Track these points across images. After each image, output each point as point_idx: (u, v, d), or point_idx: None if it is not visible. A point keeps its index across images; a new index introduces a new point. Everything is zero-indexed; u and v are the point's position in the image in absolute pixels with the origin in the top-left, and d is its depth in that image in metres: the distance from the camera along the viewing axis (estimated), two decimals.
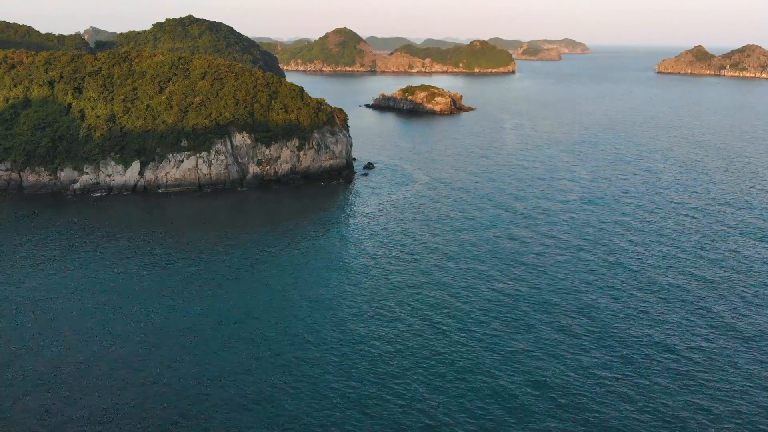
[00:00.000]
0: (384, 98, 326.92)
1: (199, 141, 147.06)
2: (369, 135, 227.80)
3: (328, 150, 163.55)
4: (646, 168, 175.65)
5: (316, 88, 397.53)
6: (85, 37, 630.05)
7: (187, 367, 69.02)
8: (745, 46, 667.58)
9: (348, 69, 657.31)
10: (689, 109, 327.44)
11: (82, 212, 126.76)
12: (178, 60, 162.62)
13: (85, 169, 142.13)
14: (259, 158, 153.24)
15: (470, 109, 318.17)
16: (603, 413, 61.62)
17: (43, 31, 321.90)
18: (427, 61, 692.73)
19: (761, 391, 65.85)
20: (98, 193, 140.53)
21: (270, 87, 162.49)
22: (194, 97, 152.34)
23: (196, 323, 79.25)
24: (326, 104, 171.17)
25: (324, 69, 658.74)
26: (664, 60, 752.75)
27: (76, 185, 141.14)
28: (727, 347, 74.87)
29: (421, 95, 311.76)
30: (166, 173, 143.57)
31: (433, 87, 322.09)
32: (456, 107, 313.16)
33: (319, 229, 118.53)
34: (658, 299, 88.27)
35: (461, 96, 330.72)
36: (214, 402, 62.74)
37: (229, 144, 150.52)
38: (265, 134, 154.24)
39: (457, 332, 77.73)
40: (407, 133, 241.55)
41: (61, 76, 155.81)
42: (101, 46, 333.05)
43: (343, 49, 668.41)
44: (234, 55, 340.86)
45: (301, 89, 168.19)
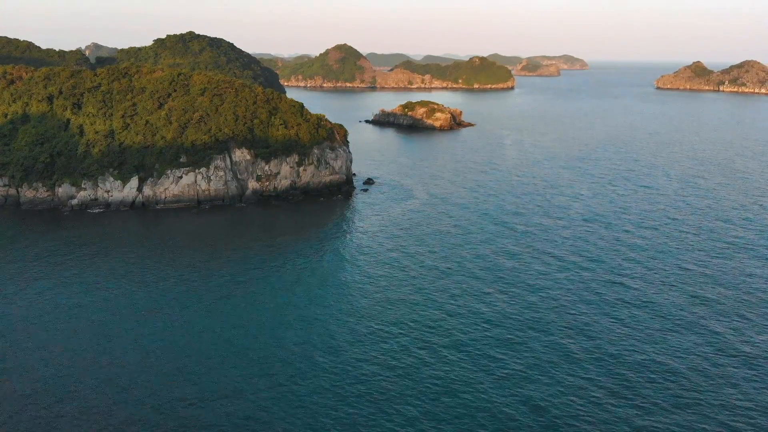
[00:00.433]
0: (384, 114, 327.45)
1: (198, 157, 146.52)
2: (369, 150, 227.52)
3: (327, 166, 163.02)
4: (647, 184, 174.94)
5: (317, 103, 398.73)
6: (87, 52, 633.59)
7: (178, 387, 67.55)
8: (744, 61, 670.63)
9: (348, 85, 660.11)
10: (689, 125, 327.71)
11: (79, 228, 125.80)
12: (178, 76, 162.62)
13: (83, 185, 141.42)
14: (259, 174, 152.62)
15: (470, 125, 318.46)
16: None
17: (45, 47, 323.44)
18: (427, 77, 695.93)
19: (763, 413, 64.45)
20: (96, 209, 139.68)
21: (270, 103, 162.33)
22: (194, 113, 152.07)
23: (186, 342, 77.72)
24: (326, 120, 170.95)
25: (324, 85, 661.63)
26: (662, 76, 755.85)
27: (74, 201, 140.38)
28: (729, 368, 73.44)
29: (420, 111, 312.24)
30: (165, 189, 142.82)
31: (433, 103, 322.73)
32: (456, 123, 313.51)
33: (317, 247, 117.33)
34: (660, 319, 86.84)
35: (461, 112, 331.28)
36: (204, 422, 61.31)
37: (228, 160, 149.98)
38: (265, 150, 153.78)
39: (453, 352, 76.07)
40: (407, 148, 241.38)
41: (61, 92, 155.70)
42: (102, 61, 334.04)
43: (344, 65, 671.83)
44: (234, 71, 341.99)
45: (301, 105, 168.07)
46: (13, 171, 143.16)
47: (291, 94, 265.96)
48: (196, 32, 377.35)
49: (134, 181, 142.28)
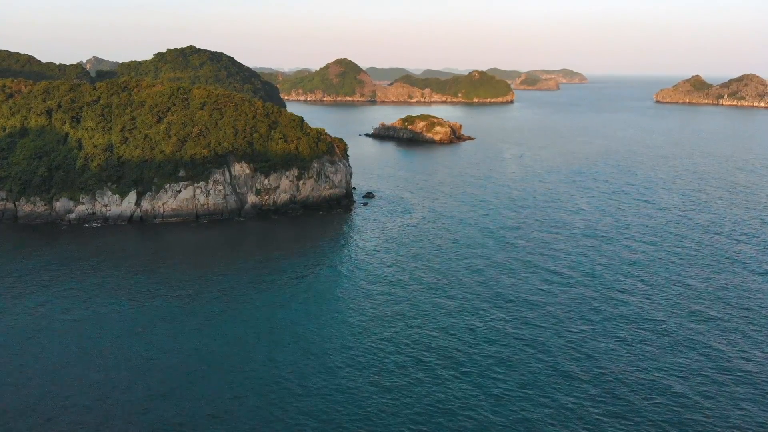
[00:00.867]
0: (384, 128, 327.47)
1: (197, 171, 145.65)
2: (369, 164, 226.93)
3: (327, 179, 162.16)
4: (647, 198, 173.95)
5: (317, 117, 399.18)
6: (87, 66, 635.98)
7: (169, 406, 66.03)
8: (743, 75, 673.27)
9: (348, 99, 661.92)
10: (689, 139, 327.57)
11: (75, 243, 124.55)
12: (177, 90, 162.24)
13: (81, 199, 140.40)
14: (258, 188, 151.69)
15: (470, 139, 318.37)
16: None
17: (47, 61, 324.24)
18: (427, 91, 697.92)
19: None
20: (94, 223, 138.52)
21: (270, 117, 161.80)
22: (193, 127, 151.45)
23: (178, 361, 76.15)
24: (326, 134, 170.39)
25: (324, 99, 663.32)
26: (661, 90, 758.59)
27: (72, 215, 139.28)
28: (731, 387, 71.96)
29: (420, 125, 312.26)
30: (163, 203, 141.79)
31: (433, 116, 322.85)
32: (455, 136, 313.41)
33: (314, 262, 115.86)
34: (661, 336, 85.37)
35: (460, 125, 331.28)
36: None
37: (227, 174, 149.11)
38: (264, 164, 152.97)
39: (450, 371, 74.30)
40: (407, 162, 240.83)
41: (60, 106, 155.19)
42: (102, 75, 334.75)
43: (344, 80, 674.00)
44: (235, 85, 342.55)
45: (301, 119, 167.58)
46: (10, 185, 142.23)
47: (291, 108, 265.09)
48: (197, 46, 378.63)
49: (132, 195, 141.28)
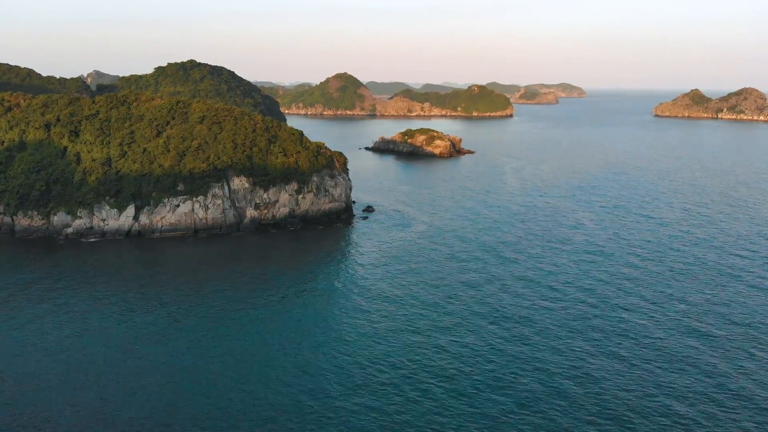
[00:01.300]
0: (384, 141, 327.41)
1: (196, 185, 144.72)
2: (369, 178, 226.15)
3: (327, 193, 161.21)
4: (649, 213, 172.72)
5: (317, 131, 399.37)
6: (89, 80, 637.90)
7: (156, 429, 64.49)
8: (742, 89, 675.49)
9: (348, 113, 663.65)
10: (689, 153, 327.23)
11: (71, 257, 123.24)
12: (177, 104, 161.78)
13: (78, 213, 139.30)
14: (257, 202, 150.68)
15: (470, 152, 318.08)
16: None
17: (50, 75, 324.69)
18: (426, 105, 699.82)
19: None
20: (91, 238, 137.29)
21: (269, 131, 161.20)
22: (192, 141, 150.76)
23: (168, 379, 74.47)
24: (326, 148, 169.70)
25: (325, 113, 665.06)
26: (661, 103, 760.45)
27: (69, 230, 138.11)
28: (735, 410, 70.32)
29: (420, 138, 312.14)
30: (161, 218, 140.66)
31: (433, 130, 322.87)
32: (455, 150, 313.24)
33: (311, 278, 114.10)
34: (663, 356, 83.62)
35: (460, 139, 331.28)
36: None
37: (226, 188, 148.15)
38: (264, 178, 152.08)
39: (447, 392, 72.46)
40: (407, 175, 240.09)
41: (58, 119, 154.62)
42: (102, 89, 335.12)
43: (344, 94, 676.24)
44: (235, 99, 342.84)
45: (301, 133, 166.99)
46: (8, 199, 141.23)
47: (291, 122, 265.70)
48: (198, 60, 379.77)
49: (131, 210, 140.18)
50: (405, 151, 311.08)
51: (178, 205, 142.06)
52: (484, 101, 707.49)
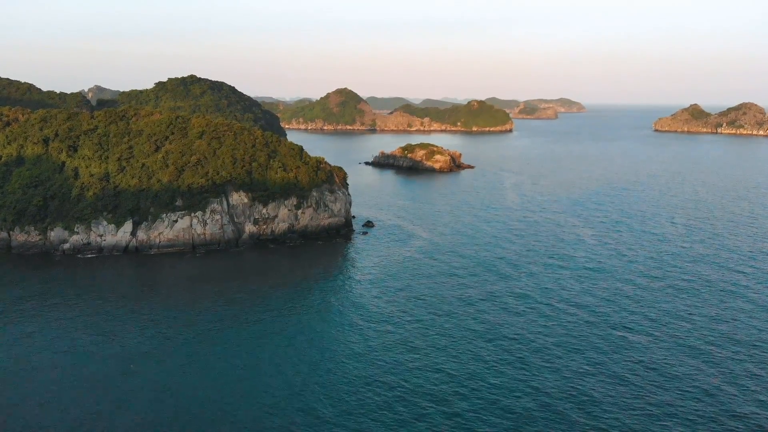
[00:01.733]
0: (384, 156, 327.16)
1: (195, 200, 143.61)
2: (369, 192, 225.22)
3: (326, 208, 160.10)
4: (651, 230, 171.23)
5: (317, 146, 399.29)
6: (89, 95, 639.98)
7: None
8: (741, 104, 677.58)
9: (348, 128, 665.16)
10: (689, 168, 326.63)
11: (67, 273, 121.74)
12: (176, 119, 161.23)
13: (75, 229, 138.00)
14: (256, 217, 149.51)
15: (469, 167, 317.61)
16: None
17: (55, 90, 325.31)
18: (426, 120, 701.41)
19: None
20: (88, 254, 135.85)
21: (269, 146, 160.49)
22: (191, 156, 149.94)
23: (156, 401, 72.70)
24: (325, 163, 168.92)
25: (325, 128, 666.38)
26: (660, 118, 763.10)
27: (66, 245, 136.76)
28: None
29: (420, 153, 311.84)
30: (159, 233, 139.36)
31: (433, 145, 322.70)
32: (455, 165, 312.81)
33: (307, 297, 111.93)
34: (666, 378, 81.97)
35: (460, 154, 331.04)
36: None
37: (225, 203, 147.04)
38: (263, 193, 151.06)
39: (444, 419, 70.22)
40: (407, 190, 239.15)
41: (57, 134, 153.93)
42: (103, 104, 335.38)
43: (344, 109, 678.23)
44: (235, 114, 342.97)
45: (301, 148, 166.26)
46: (5, 214, 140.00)
47: (292, 137, 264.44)
48: (198, 75, 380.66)
49: (128, 225, 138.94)
50: (405, 166, 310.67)
51: (176, 221, 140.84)
52: (483, 116, 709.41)
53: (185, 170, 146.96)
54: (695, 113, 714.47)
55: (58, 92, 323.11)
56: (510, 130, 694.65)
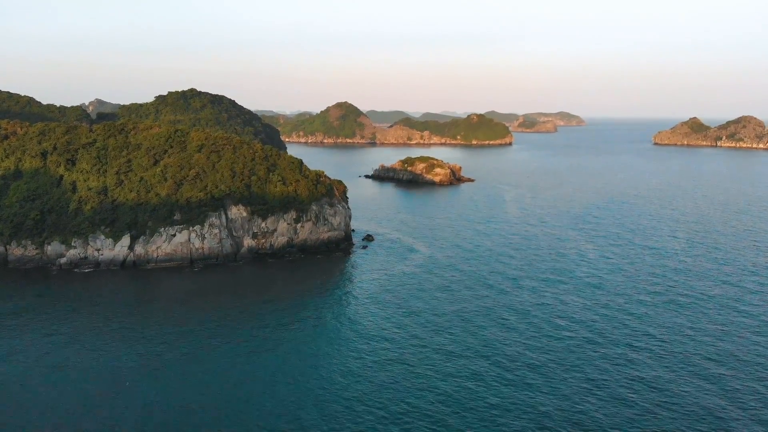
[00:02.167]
0: (384, 169, 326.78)
1: (193, 214, 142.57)
2: (369, 206, 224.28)
3: (326, 222, 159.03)
4: (653, 245, 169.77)
5: (317, 159, 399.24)
6: (90, 108, 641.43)
7: None
8: (741, 117, 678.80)
9: (348, 141, 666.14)
10: (690, 182, 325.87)
11: (62, 288, 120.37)
12: (175, 132, 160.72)
13: (72, 243, 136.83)
14: (255, 231, 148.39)
15: (469, 180, 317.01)
16: None
17: (55, 103, 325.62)
18: (426, 133, 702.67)
19: None
20: (85, 268, 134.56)
21: (269, 159, 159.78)
22: (190, 170, 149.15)
23: (144, 420, 71.27)
24: (325, 176, 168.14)
25: (325, 141, 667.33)
26: (660, 132, 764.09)
27: (63, 260, 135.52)
28: None
29: (420, 166, 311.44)
30: (157, 248, 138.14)
31: (433, 158, 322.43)
32: (455, 178, 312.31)
33: (303, 315, 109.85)
34: (670, 399, 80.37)
35: (460, 167, 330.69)
36: None
37: (223, 217, 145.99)
38: (262, 207, 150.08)
39: None
40: (407, 203, 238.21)
41: (55, 148, 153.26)
42: (103, 117, 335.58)
43: (344, 122, 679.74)
44: (235, 128, 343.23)
45: (300, 161, 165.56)
46: (2, 228, 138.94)
47: (292, 150, 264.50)
48: (199, 89, 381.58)
49: (126, 239, 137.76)
50: (405, 179, 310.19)
51: (174, 235, 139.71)
52: (483, 129, 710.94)
53: (184, 184, 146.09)
54: (695, 126, 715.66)
55: (58, 105, 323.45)
56: (510, 144, 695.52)
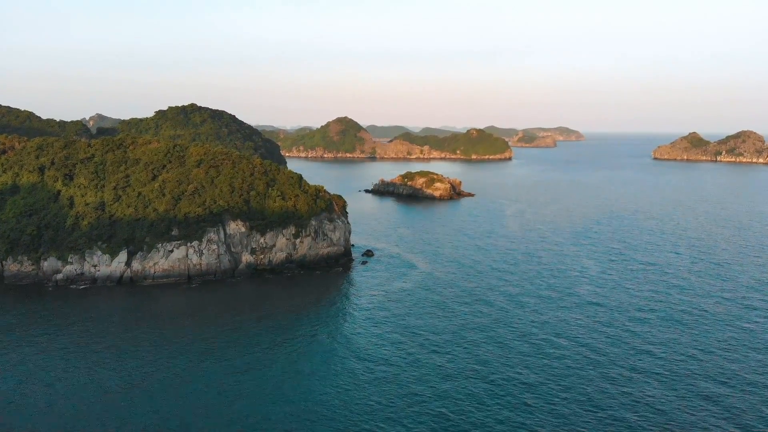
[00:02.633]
0: (383, 183, 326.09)
1: (191, 230, 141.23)
2: (368, 220, 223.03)
3: (325, 237, 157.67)
4: (654, 261, 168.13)
5: (317, 174, 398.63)
6: (90, 123, 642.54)
7: None
8: (740, 131, 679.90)
9: (348, 155, 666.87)
10: (691, 197, 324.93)
11: (57, 304, 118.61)
12: (174, 147, 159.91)
13: (69, 259, 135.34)
14: (254, 247, 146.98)
15: (469, 195, 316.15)
16: None
17: (56, 118, 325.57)
18: (426, 148, 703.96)
19: None
20: (82, 284, 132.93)
21: (268, 174, 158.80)
22: (188, 185, 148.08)
23: None
24: (325, 191, 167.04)
25: (325, 156, 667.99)
26: (659, 146, 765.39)
27: (59, 276, 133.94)
28: None
29: (420, 181, 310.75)
30: (155, 264, 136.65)
31: (432, 173, 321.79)
32: (455, 193, 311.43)
33: (299, 333, 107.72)
34: (674, 422, 78.72)
35: (460, 182, 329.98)
36: None
37: (222, 232, 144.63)
38: (261, 222, 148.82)
39: None
40: (407, 218, 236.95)
41: (53, 162, 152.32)
42: (103, 132, 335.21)
43: (344, 137, 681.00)
44: (235, 143, 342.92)
45: (300, 176, 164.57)
46: None
47: (292, 165, 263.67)
48: (199, 104, 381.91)
49: (123, 255, 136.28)
50: (405, 194, 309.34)
51: (171, 251, 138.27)
52: (482, 144, 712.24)
53: (182, 199, 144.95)
54: (694, 141, 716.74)
55: (57, 120, 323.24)
56: (509, 158, 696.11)
